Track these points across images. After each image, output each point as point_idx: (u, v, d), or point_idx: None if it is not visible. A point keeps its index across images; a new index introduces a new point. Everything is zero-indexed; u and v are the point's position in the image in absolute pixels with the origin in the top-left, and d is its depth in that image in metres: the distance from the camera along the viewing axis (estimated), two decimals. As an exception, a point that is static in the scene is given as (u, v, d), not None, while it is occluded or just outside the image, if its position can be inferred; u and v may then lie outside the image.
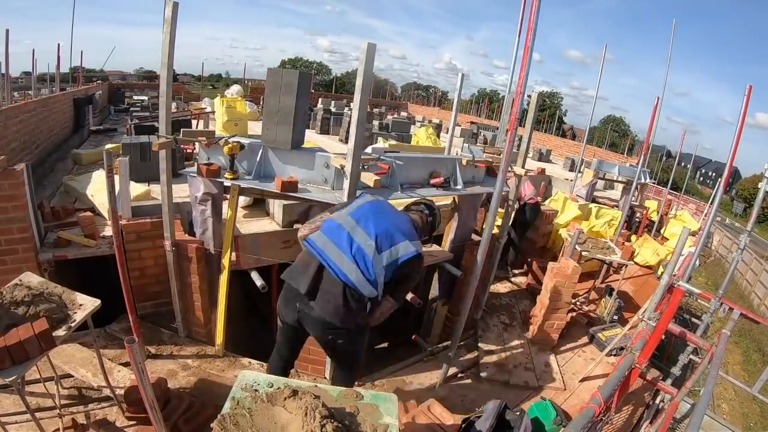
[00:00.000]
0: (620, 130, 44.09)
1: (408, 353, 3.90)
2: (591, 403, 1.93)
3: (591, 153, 14.18)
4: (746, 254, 16.02)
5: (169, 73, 2.54)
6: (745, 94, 4.46)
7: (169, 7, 2.39)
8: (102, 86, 12.20)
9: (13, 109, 4.86)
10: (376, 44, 2.25)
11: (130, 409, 2.42)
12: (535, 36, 2.37)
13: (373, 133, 8.93)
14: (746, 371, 10.55)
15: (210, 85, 38.44)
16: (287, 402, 1.57)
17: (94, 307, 2.16)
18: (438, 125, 13.23)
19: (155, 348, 3.16)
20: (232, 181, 2.83)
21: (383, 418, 1.64)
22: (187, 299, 3.25)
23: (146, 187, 3.97)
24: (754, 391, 3.22)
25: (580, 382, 3.56)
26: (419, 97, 44.81)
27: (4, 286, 2.11)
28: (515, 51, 6.99)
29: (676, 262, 2.81)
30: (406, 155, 3.46)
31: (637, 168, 6.84)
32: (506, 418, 2.59)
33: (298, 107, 2.79)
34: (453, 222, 4.08)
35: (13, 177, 2.69)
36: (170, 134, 2.72)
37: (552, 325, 3.91)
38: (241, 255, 3.43)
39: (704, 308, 5.21)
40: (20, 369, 1.77)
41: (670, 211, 10.58)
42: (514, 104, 2.53)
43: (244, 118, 8.36)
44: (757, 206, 4.02)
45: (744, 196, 39.72)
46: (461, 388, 3.35)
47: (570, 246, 4.73)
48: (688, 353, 3.47)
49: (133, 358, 1.41)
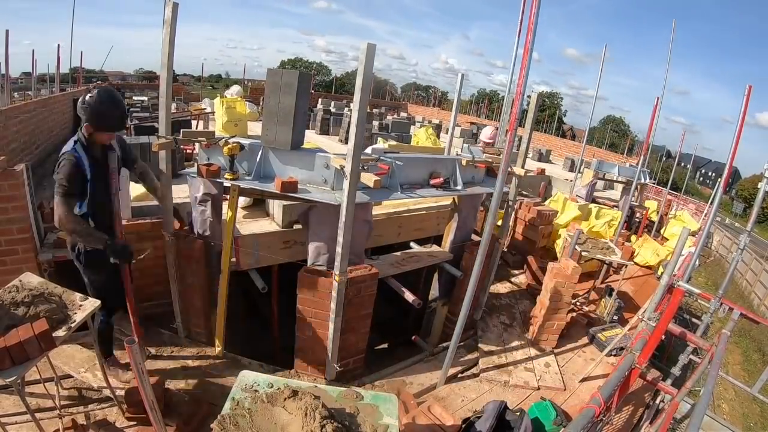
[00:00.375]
0: (620, 131, 44.12)
1: (408, 353, 3.90)
2: (591, 403, 1.93)
3: (591, 153, 14.20)
4: (746, 254, 16.03)
5: (168, 73, 2.54)
6: (745, 94, 4.46)
7: (169, 8, 2.40)
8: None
9: (13, 109, 4.87)
10: (375, 44, 2.25)
11: (130, 410, 2.42)
12: (534, 36, 2.37)
13: (372, 134, 8.94)
14: (746, 371, 10.55)
15: (210, 85, 38.43)
16: (287, 402, 1.57)
17: (94, 308, 2.16)
18: (438, 125, 13.24)
19: (155, 348, 3.16)
20: (231, 182, 2.83)
21: (383, 418, 1.64)
22: (187, 299, 3.25)
23: (146, 188, 3.97)
24: (754, 391, 3.22)
25: (580, 382, 3.56)
26: (419, 97, 44.87)
27: (3, 287, 2.11)
28: (515, 51, 6.98)
29: (676, 262, 2.81)
30: (406, 156, 3.46)
31: (637, 168, 6.85)
32: (506, 418, 2.59)
33: (298, 108, 2.79)
34: (453, 222, 4.08)
35: (13, 177, 2.69)
36: (170, 135, 2.73)
37: (552, 326, 3.91)
38: (241, 255, 3.43)
39: (704, 308, 5.22)
40: (20, 369, 1.77)
41: (670, 212, 10.60)
42: (513, 105, 2.53)
43: (244, 118, 8.36)
44: (756, 206, 4.02)
45: (744, 196, 39.73)
46: (461, 388, 3.35)
47: (570, 246, 4.73)
48: (688, 353, 3.47)
49: (133, 358, 1.41)
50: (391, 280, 3.68)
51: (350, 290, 2.89)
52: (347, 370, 3.25)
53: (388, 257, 4.01)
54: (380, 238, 4.30)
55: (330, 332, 2.90)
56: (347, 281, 2.79)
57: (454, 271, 4.04)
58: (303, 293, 2.96)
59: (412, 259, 4.03)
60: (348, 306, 2.92)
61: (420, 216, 4.70)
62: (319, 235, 3.04)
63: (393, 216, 4.46)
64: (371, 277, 3.04)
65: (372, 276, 3.04)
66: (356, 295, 2.98)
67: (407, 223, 4.58)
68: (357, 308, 3.06)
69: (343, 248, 2.60)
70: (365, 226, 3.18)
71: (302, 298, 2.97)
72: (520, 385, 3.43)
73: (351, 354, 3.24)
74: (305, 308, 3.00)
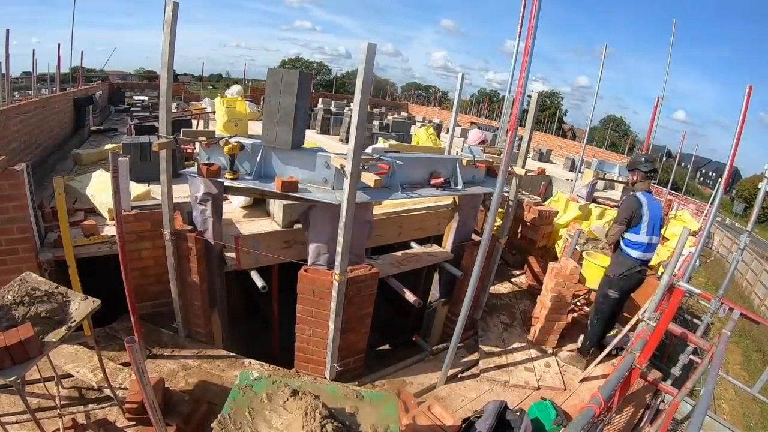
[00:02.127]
0: (620, 130, 44.11)
1: (408, 353, 3.90)
2: (591, 403, 1.93)
3: (591, 153, 14.18)
4: (746, 254, 16.02)
5: (169, 73, 2.54)
6: (746, 94, 4.45)
7: (169, 8, 2.40)
8: (102, 86, 12.20)
9: (13, 109, 4.86)
10: (375, 44, 2.25)
11: (130, 409, 2.42)
12: (535, 37, 2.37)
13: (373, 133, 8.92)
14: (746, 371, 10.55)
15: (210, 85, 38.44)
16: (287, 402, 1.57)
17: (94, 307, 2.16)
18: (438, 125, 13.22)
19: (155, 348, 3.16)
20: (232, 181, 2.83)
21: (383, 418, 1.64)
22: (187, 299, 3.25)
23: (146, 187, 3.97)
24: (754, 391, 3.22)
25: (580, 382, 3.56)
26: (419, 97, 44.84)
27: (4, 286, 2.11)
28: (515, 52, 6.98)
29: (676, 262, 2.81)
30: (406, 155, 3.46)
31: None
32: (506, 418, 2.59)
33: (298, 107, 2.79)
34: (453, 222, 4.08)
35: (14, 177, 2.69)
36: (170, 134, 2.73)
37: (552, 326, 3.91)
38: (242, 255, 3.43)
39: (704, 308, 5.21)
40: (20, 369, 1.77)
41: (671, 212, 10.58)
42: (514, 105, 2.53)
43: (245, 118, 8.36)
44: (757, 206, 4.02)
45: (744, 197, 39.72)
46: (461, 388, 3.35)
47: (570, 246, 4.73)
48: (688, 353, 3.47)
49: (133, 358, 1.41)
50: (392, 280, 3.68)
51: (350, 290, 2.89)
52: (347, 369, 3.25)
53: (388, 257, 4.01)
54: (380, 238, 4.30)
55: (330, 332, 2.90)
56: (347, 281, 2.79)
57: (455, 270, 4.04)
58: (303, 293, 2.96)
59: (413, 259, 4.03)
60: (348, 306, 2.92)
61: (420, 216, 4.70)
62: (319, 235, 3.04)
63: (393, 216, 4.46)
64: (372, 277, 3.04)
65: (372, 276, 3.04)
66: (356, 295, 2.98)
67: (407, 223, 4.58)
68: (357, 308, 3.06)
69: (343, 248, 2.60)
70: (365, 225, 3.18)
71: (302, 298, 2.97)
72: (521, 384, 3.43)
73: (351, 354, 3.25)
74: (305, 308, 3.00)
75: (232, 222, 3.80)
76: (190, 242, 3.04)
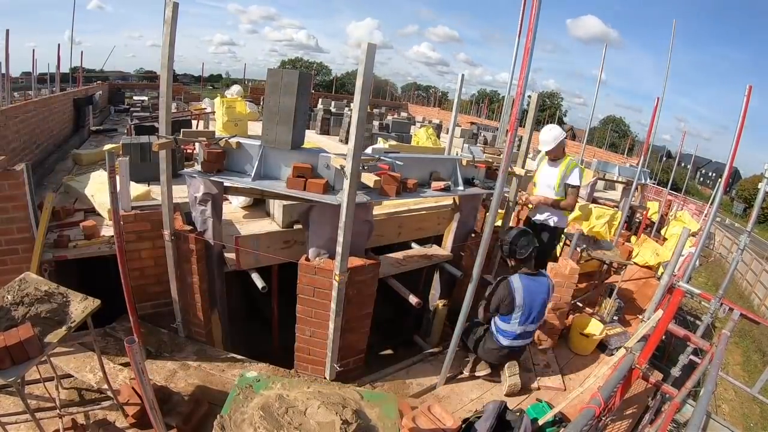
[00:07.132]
0: (620, 131, 44.10)
1: (408, 353, 3.90)
2: (591, 403, 1.93)
3: (591, 153, 14.19)
4: (746, 255, 16.02)
5: (169, 73, 2.54)
6: (746, 94, 4.45)
7: (169, 8, 2.40)
8: (102, 86, 12.20)
9: (13, 109, 4.86)
10: (376, 44, 2.25)
11: (130, 410, 2.42)
12: (535, 37, 2.37)
13: (373, 134, 8.92)
14: (746, 371, 10.55)
15: (210, 85, 38.44)
16: (288, 402, 1.57)
17: (94, 307, 2.16)
18: (438, 125, 13.22)
19: (155, 348, 3.16)
20: (232, 181, 2.83)
21: (383, 418, 1.64)
22: (187, 299, 3.25)
23: (146, 188, 3.97)
24: (754, 391, 3.22)
25: (580, 383, 3.56)
26: (419, 97, 44.82)
27: (4, 287, 2.11)
28: (515, 52, 6.99)
29: (676, 262, 2.81)
30: (406, 156, 3.46)
31: (638, 168, 6.84)
32: (506, 418, 2.59)
33: (298, 107, 2.79)
34: (453, 222, 4.08)
35: (13, 177, 2.69)
36: (170, 135, 2.73)
37: (552, 326, 3.91)
38: (241, 255, 3.43)
39: (704, 309, 5.21)
40: (20, 369, 1.77)
41: (670, 212, 10.59)
42: (514, 105, 2.53)
43: (244, 118, 8.35)
44: (757, 206, 4.01)
45: (744, 197, 39.73)
46: (461, 388, 3.35)
47: (570, 246, 4.73)
48: (688, 354, 3.47)
49: (133, 358, 1.41)
50: (392, 280, 3.68)
51: (350, 289, 2.88)
52: (347, 369, 3.25)
53: (388, 257, 4.01)
54: (380, 238, 4.30)
55: (330, 332, 2.89)
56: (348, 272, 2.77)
57: (455, 271, 4.04)
58: (303, 292, 2.95)
59: (412, 259, 4.03)
60: (348, 305, 2.92)
61: (420, 216, 4.70)
62: (319, 235, 3.03)
63: (393, 216, 4.46)
64: (372, 267, 3.00)
65: (372, 265, 3.01)
66: (356, 294, 2.98)
67: (407, 223, 4.58)
68: (357, 307, 3.06)
69: (343, 248, 2.59)
70: (365, 226, 3.17)
71: (302, 298, 2.97)
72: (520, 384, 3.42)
73: (351, 354, 3.24)
74: (305, 308, 3.00)
75: (232, 222, 3.80)
76: (190, 242, 3.04)
